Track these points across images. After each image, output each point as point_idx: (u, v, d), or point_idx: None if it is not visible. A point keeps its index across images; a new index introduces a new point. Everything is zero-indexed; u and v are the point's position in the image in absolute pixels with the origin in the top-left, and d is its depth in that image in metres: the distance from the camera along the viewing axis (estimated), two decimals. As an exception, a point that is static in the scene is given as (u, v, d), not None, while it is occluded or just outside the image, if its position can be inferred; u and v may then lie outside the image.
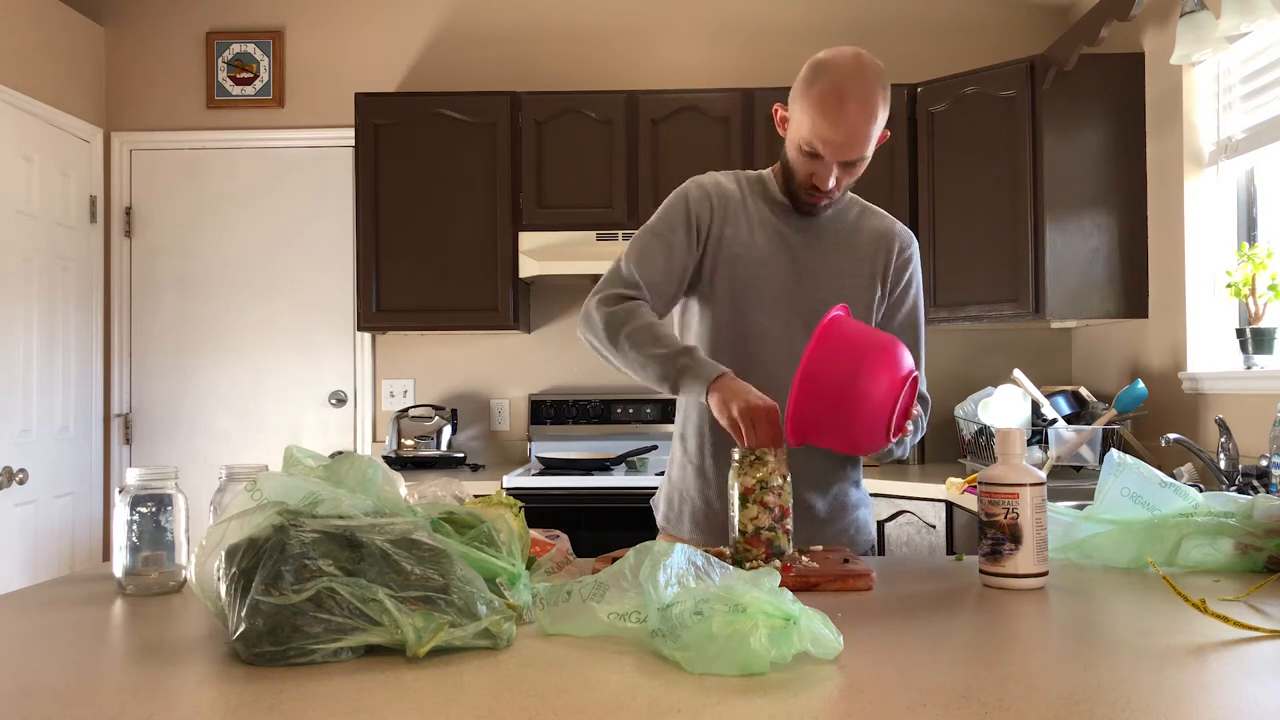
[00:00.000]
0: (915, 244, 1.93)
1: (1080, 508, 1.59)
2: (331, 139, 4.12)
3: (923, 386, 1.86)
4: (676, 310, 1.93)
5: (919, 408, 1.81)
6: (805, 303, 1.83)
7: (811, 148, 1.72)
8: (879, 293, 1.87)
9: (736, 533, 1.52)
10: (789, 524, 1.52)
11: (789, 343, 1.81)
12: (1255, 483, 2.39)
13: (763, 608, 1.00)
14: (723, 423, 1.60)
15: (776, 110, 1.82)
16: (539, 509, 3.16)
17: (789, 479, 1.53)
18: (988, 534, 1.40)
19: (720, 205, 1.84)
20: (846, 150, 1.71)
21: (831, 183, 1.74)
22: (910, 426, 1.65)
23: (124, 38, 4.18)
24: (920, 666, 1.02)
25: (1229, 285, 2.89)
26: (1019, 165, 3.45)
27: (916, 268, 1.92)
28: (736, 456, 1.53)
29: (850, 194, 1.93)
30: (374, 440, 4.13)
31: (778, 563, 1.48)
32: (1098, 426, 3.11)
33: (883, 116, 1.72)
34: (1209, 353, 3.11)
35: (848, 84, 1.68)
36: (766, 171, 1.92)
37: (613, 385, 4.09)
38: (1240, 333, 2.84)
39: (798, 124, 1.74)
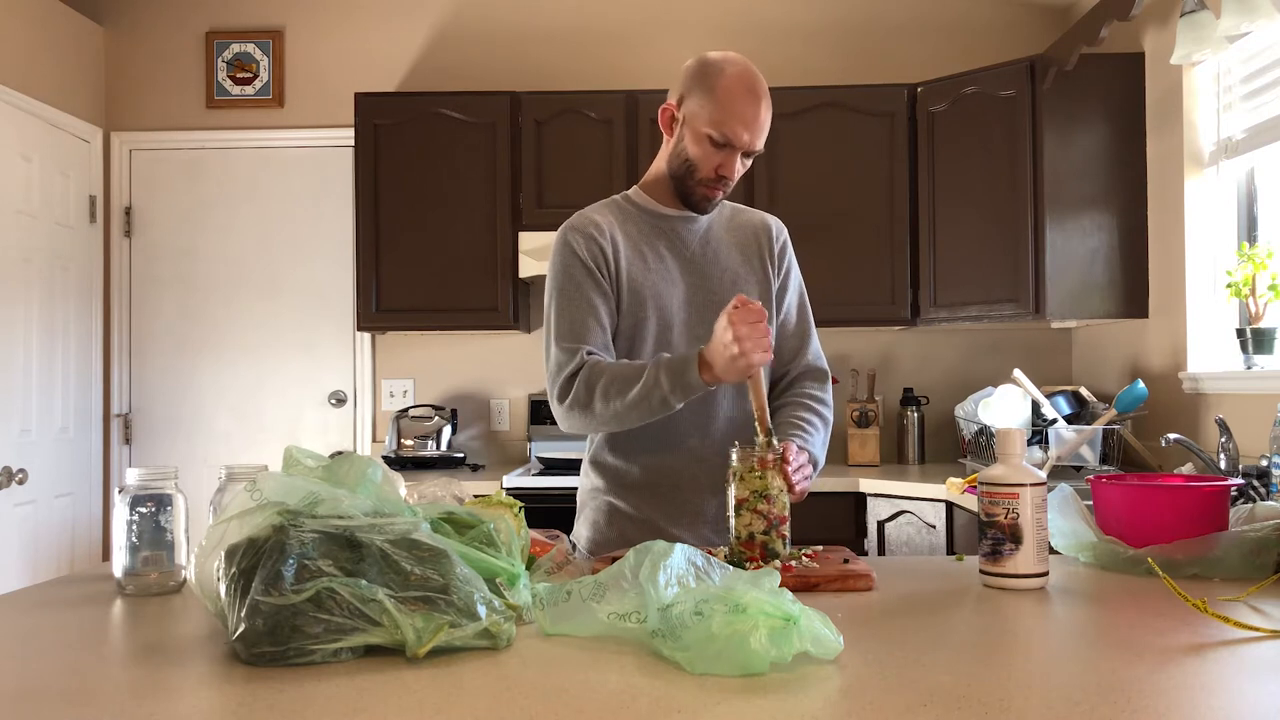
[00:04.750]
0: (785, 230, 2.00)
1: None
2: (331, 139, 4.12)
3: (823, 363, 1.98)
4: None
5: (821, 396, 1.92)
6: (709, 304, 1.85)
7: (725, 137, 1.77)
8: (771, 280, 1.93)
9: (732, 537, 1.53)
10: (785, 530, 1.53)
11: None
12: (1255, 483, 2.38)
13: (763, 608, 1.00)
14: (739, 375, 1.60)
15: (665, 111, 1.84)
16: (539, 509, 3.15)
17: (784, 490, 1.54)
18: (988, 534, 1.40)
19: (606, 239, 1.86)
20: (760, 136, 1.78)
21: (737, 172, 1.81)
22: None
23: (124, 38, 4.18)
24: (920, 666, 1.02)
25: (1229, 285, 2.89)
26: (1019, 165, 3.45)
27: (793, 252, 2.00)
28: (735, 461, 1.54)
29: None
30: (374, 440, 4.13)
31: (778, 562, 1.49)
32: (1098, 426, 3.11)
33: None
34: (1209, 353, 3.11)
35: (752, 76, 1.78)
36: (632, 190, 1.94)
37: (613, 385, 4.08)
38: (1240, 333, 2.83)
39: (707, 117, 1.77)
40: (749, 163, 1.83)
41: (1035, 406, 3.25)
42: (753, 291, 1.90)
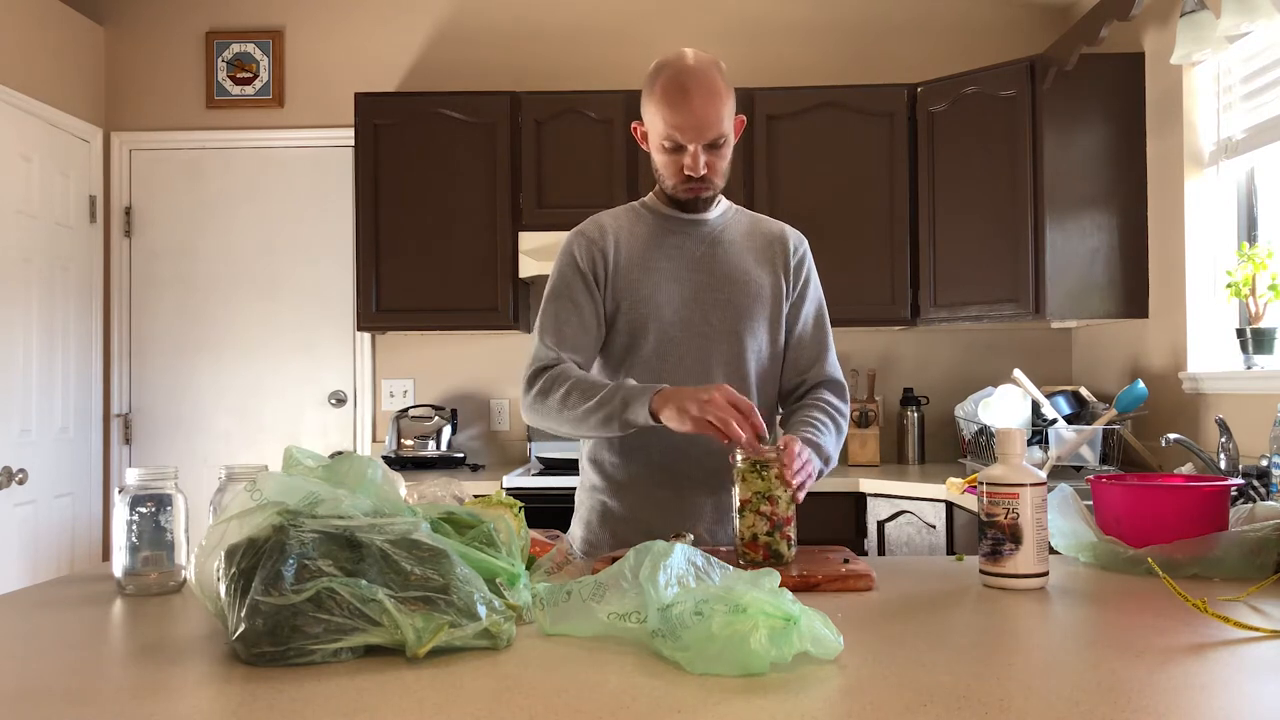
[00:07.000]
0: (806, 243, 2.02)
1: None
2: (331, 139, 4.12)
3: (838, 374, 1.98)
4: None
5: (837, 403, 1.93)
6: (714, 304, 1.89)
7: (671, 140, 1.81)
8: (784, 289, 1.95)
9: (736, 539, 1.54)
10: (790, 531, 1.53)
11: (707, 347, 1.88)
12: (1255, 483, 2.38)
13: (763, 608, 1.00)
14: (686, 429, 1.62)
15: (635, 129, 1.91)
16: (539, 509, 3.15)
17: (789, 491, 1.54)
18: (988, 534, 1.40)
19: (607, 245, 1.90)
20: (702, 132, 1.79)
21: (702, 168, 1.82)
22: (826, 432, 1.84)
23: (124, 38, 4.18)
24: (920, 666, 1.02)
25: (1229, 285, 2.89)
26: (1019, 165, 3.45)
27: (812, 265, 2.01)
28: (739, 462, 1.54)
29: (739, 206, 2.01)
30: (374, 440, 4.13)
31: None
32: (1098, 426, 3.11)
33: (727, 97, 1.82)
34: (1209, 353, 3.11)
35: (684, 74, 1.79)
36: (648, 195, 1.99)
37: (613, 385, 4.08)
38: (1240, 333, 2.83)
39: (653, 126, 1.84)
40: (726, 151, 1.84)
41: (1035, 406, 3.25)
42: (764, 296, 1.92)
